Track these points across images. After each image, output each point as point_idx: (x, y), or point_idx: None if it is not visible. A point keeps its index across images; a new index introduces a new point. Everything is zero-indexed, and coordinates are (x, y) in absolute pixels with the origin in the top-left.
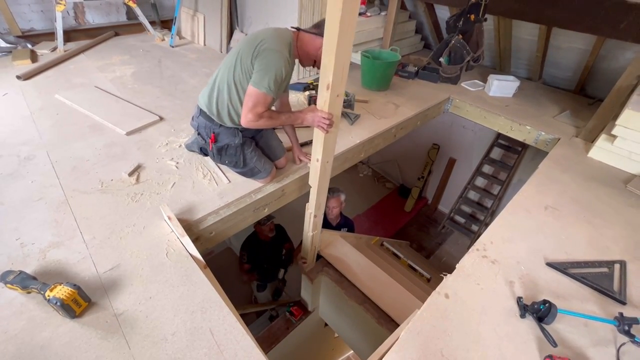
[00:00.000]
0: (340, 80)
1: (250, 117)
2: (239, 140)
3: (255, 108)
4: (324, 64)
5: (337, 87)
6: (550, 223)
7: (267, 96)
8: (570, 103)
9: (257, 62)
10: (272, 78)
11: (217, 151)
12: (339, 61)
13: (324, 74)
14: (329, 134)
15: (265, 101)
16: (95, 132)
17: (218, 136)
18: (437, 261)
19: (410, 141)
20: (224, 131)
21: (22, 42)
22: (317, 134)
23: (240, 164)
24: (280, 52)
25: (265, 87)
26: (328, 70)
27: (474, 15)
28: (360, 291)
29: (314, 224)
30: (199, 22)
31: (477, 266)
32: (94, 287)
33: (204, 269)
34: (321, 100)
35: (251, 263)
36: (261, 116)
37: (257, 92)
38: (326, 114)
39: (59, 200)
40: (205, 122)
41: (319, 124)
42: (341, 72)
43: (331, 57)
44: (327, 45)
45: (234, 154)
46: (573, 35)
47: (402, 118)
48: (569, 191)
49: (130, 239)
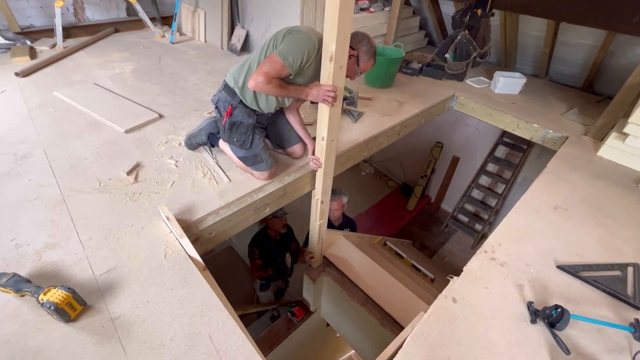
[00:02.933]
0: (343, 51)
1: (261, 79)
2: (252, 121)
3: (269, 72)
4: (326, 35)
5: (340, 58)
6: (559, 224)
7: (284, 67)
8: (578, 100)
9: (287, 38)
10: (297, 55)
11: (229, 126)
12: (341, 31)
13: (326, 45)
14: (333, 108)
15: (281, 70)
16: (93, 130)
17: (234, 110)
18: (440, 260)
19: (413, 139)
20: (241, 108)
21: (21, 39)
22: (321, 111)
23: (247, 145)
24: (309, 37)
25: (287, 59)
26: (330, 40)
27: (481, 10)
28: (363, 292)
29: (321, 211)
30: (199, 18)
31: (485, 269)
32: (90, 289)
33: (203, 271)
34: (325, 73)
35: (263, 259)
36: (271, 81)
37: (278, 59)
38: (330, 86)
39: (55, 200)
40: (226, 96)
41: (324, 96)
42: (343, 43)
43: (333, 27)
44: (329, 14)
45: (245, 132)
46: (582, 30)
47: (406, 116)
48: (579, 191)
49: (128, 240)
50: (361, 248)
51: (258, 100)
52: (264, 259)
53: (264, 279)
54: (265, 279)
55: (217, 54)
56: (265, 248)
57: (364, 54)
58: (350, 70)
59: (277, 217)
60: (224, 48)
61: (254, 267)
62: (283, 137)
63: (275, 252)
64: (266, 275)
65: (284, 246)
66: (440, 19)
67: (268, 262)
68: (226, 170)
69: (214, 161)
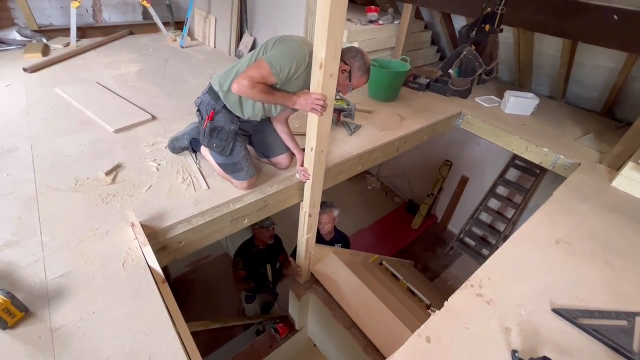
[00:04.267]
0: (333, 57)
1: (245, 83)
2: (235, 128)
3: (253, 76)
4: (317, 41)
5: (330, 65)
6: (561, 260)
7: (271, 74)
8: (596, 125)
9: (278, 45)
10: (285, 64)
11: (209, 131)
12: (332, 36)
13: (316, 52)
14: (323, 118)
15: (267, 77)
16: (84, 127)
17: (216, 115)
18: (443, 284)
19: (422, 156)
20: (224, 113)
21: (37, 37)
22: (310, 120)
23: (227, 152)
24: (301, 48)
25: (274, 66)
26: (321, 46)
27: (489, 26)
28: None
29: (309, 225)
30: (210, 24)
31: (470, 306)
32: (38, 294)
33: (162, 284)
34: (314, 81)
35: (247, 271)
36: (255, 86)
37: (265, 65)
38: (320, 95)
39: (29, 196)
40: (210, 100)
41: (313, 105)
42: (334, 49)
43: (324, 32)
44: (320, 18)
45: (225, 138)
46: (601, 52)
47: (406, 131)
48: (587, 224)
49: (90, 243)
50: (353, 267)
51: (243, 106)
52: (248, 270)
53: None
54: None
55: (224, 60)
56: (250, 259)
57: (357, 70)
58: (342, 86)
59: (264, 228)
60: (231, 54)
61: (236, 278)
62: (269, 146)
63: (259, 262)
64: (248, 287)
65: (270, 258)
66: (453, 34)
67: (252, 273)
68: (207, 177)
69: (197, 167)
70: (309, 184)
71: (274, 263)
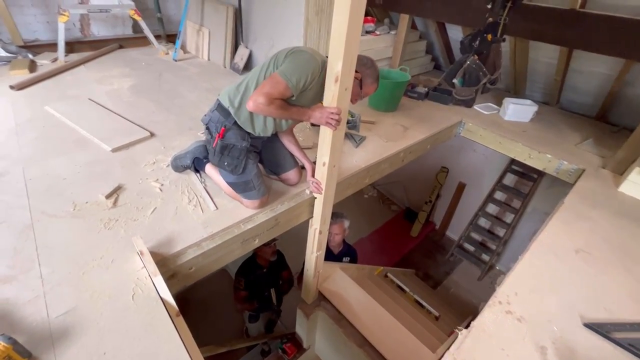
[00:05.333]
0: (349, 71)
1: (262, 100)
2: (246, 144)
3: (270, 92)
4: (332, 54)
5: (345, 79)
6: (583, 270)
7: (287, 88)
8: (592, 130)
9: (290, 58)
10: (301, 76)
11: (220, 149)
12: (348, 50)
13: (331, 65)
14: (336, 132)
15: (283, 91)
16: (79, 147)
17: (227, 132)
18: (445, 292)
19: (418, 163)
20: (235, 130)
21: (23, 52)
22: (323, 134)
23: (239, 170)
24: (313, 57)
25: (290, 80)
26: (336, 59)
27: (492, 35)
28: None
29: (318, 242)
30: (203, 36)
31: (501, 324)
32: (41, 336)
33: (176, 317)
34: (329, 94)
35: (249, 290)
36: (272, 102)
37: (280, 79)
38: (335, 108)
39: (23, 224)
40: (219, 117)
41: (328, 119)
42: (350, 63)
43: (340, 46)
44: (336, 32)
45: (237, 156)
46: (596, 58)
47: (411, 141)
48: (600, 231)
49: (94, 274)
50: (360, 281)
51: (254, 122)
52: (249, 290)
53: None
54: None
55: (219, 72)
56: (252, 278)
57: (367, 77)
58: (353, 94)
59: (266, 245)
60: (226, 67)
61: (237, 298)
62: (278, 162)
63: (262, 283)
64: (251, 307)
65: (274, 277)
66: (447, 43)
67: (254, 293)
68: (214, 196)
69: (202, 185)
70: (320, 200)
71: (277, 285)
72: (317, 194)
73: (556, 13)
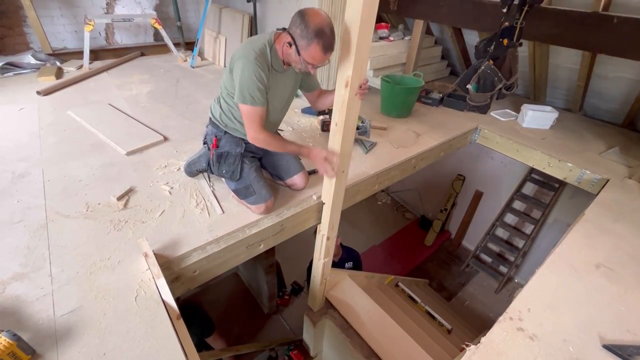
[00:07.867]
0: (359, 75)
1: (257, 135)
2: (241, 150)
3: (253, 123)
4: (343, 60)
5: (355, 83)
6: (604, 287)
7: (255, 108)
8: (619, 138)
9: (234, 75)
10: (251, 89)
11: (216, 158)
12: (359, 53)
13: (342, 69)
14: (345, 137)
15: (255, 113)
16: (95, 150)
17: (220, 141)
18: (460, 304)
19: (433, 170)
20: (227, 138)
21: (51, 60)
22: (332, 139)
23: (237, 176)
24: (246, 57)
25: (248, 100)
26: (347, 62)
27: (507, 40)
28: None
29: (326, 248)
30: (220, 44)
31: (511, 342)
32: (46, 333)
33: (176, 320)
34: (338, 101)
35: None
36: (263, 130)
37: (244, 107)
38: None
39: (38, 224)
40: (212, 129)
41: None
42: (361, 66)
43: (352, 48)
44: (347, 35)
45: (232, 162)
46: (622, 63)
47: (423, 148)
48: (625, 246)
49: (101, 275)
50: (369, 290)
51: (241, 129)
52: None
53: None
54: None
55: None
56: None
57: (300, 39)
58: (293, 62)
59: None
60: None
61: None
62: (282, 167)
63: None
64: None
65: None
66: (463, 49)
67: None
68: (221, 200)
69: (211, 189)
70: (328, 206)
71: None
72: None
73: (577, 16)
